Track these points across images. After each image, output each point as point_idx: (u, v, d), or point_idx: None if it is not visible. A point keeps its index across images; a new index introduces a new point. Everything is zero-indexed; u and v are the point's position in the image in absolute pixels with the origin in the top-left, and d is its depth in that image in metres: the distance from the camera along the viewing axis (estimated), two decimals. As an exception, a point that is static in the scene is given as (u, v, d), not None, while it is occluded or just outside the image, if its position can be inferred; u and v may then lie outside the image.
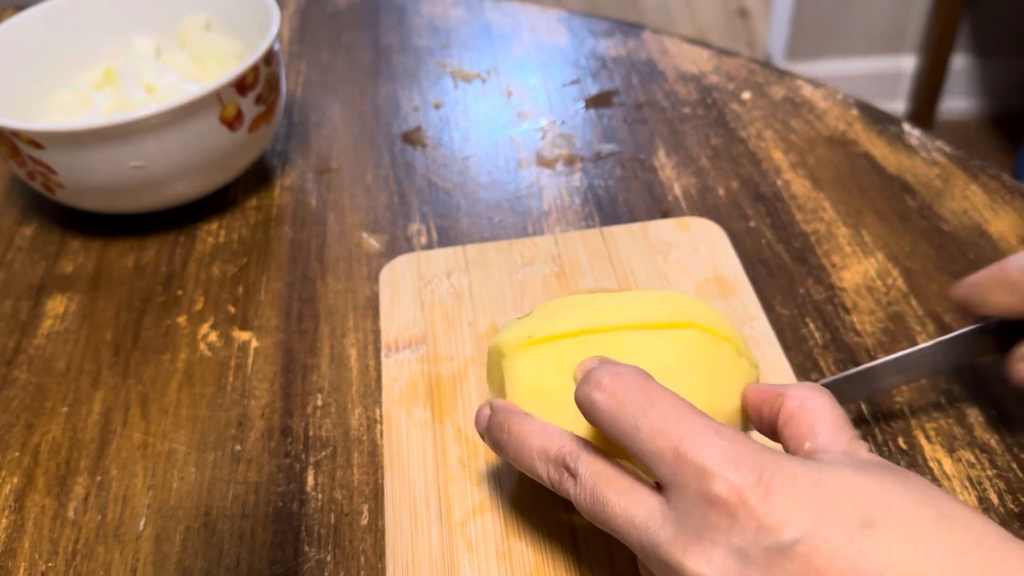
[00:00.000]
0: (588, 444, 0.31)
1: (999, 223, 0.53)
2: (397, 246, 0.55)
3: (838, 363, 0.45)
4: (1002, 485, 0.39)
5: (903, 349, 0.39)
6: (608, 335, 0.34)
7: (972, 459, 0.40)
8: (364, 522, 0.40)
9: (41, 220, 0.60)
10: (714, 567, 0.26)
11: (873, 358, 0.45)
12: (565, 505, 0.38)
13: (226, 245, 0.56)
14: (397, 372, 0.45)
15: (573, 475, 0.30)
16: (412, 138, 0.65)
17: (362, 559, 0.39)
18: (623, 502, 0.28)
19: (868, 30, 1.91)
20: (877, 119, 0.62)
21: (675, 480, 0.27)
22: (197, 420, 0.45)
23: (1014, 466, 0.40)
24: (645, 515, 0.28)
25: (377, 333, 0.49)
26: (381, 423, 0.44)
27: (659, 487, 0.28)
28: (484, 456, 0.40)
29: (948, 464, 0.40)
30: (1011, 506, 0.38)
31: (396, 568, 0.37)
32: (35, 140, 0.50)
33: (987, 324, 0.38)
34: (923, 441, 0.41)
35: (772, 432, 0.32)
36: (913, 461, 0.40)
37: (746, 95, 0.66)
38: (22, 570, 0.39)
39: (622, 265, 0.50)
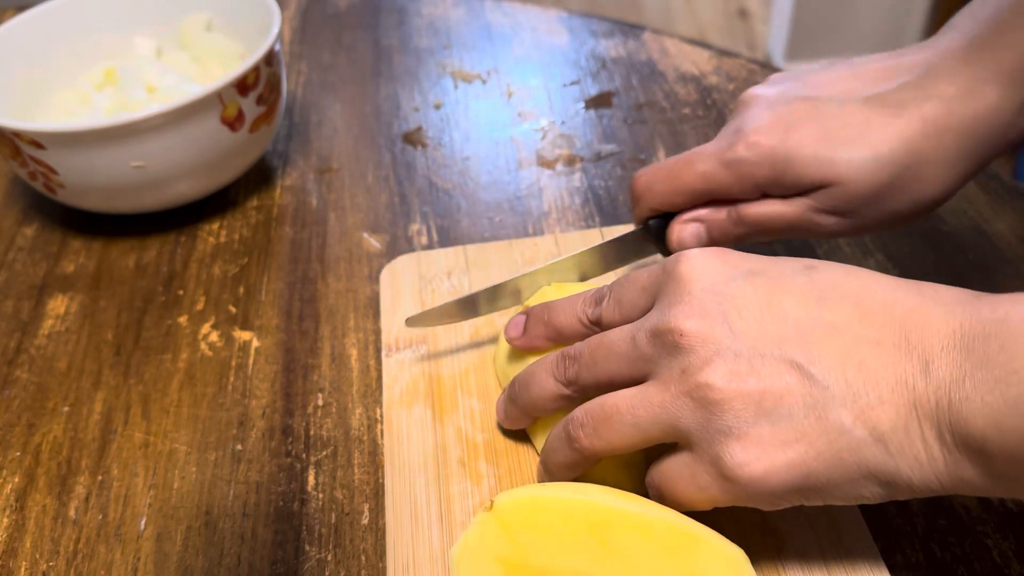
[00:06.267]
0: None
1: (998, 223, 0.53)
2: (398, 246, 0.55)
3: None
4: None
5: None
6: None
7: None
8: (365, 521, 0.40)
9: (42, 220, 0.60)
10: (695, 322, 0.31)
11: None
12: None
13: (227, 245, 0.56)
14: (398, 372, 0.45)
15: (576, 359, 0.35)
16: (413, 138, 0.65)
17: (363, 558, 0.39)
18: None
19: (868, 30, 1.91)
20: (877, 119, 0.62)
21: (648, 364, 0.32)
22: (198, 420, 0.45)
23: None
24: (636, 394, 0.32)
25: (378, 333, 0.49)
26: (382, 423, 0.44)
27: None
28: (484, 456, 0.41)
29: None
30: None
31: (397, 567, 0.37)
32: (36, 140, 0.50)
33: (653, 222, 0.44)
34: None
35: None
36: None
37: (746, 95, 0.66)
38: (23, 569, 0.39)
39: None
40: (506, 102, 0.68)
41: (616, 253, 0.45)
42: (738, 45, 2.18)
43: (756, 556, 0.35)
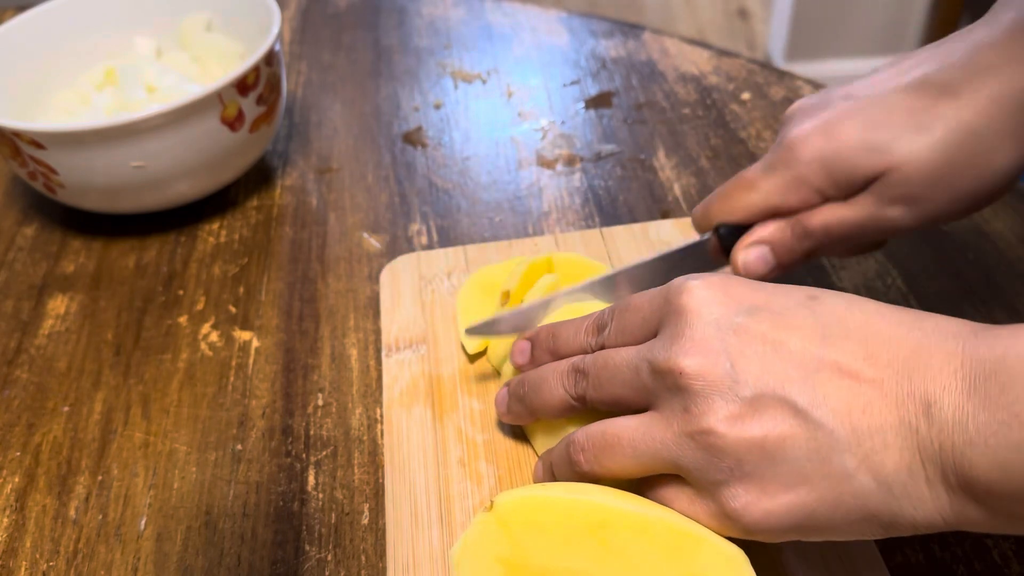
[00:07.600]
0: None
1: (998, 223, 0.53)
2: (398, 246, 0.55)
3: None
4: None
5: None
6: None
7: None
8: (365, 521, 0.40)
9: (42, 220, 0.60)
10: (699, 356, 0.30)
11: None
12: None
13: (227, 245, 0.56)
14: (398, 372, 0.45)
15: (584, 373, 0.35)
16: (413, 138, 0.65)
17: (363, 558, 0.39)
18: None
19: (868, 31, 1.91)
20: (877, 120, 0.62)
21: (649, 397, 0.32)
22: (198, 420, 0.45)
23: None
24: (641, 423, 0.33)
25: (378, 333, 0.49)
26: (382, 423, 0.44)
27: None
28: (484, 456, 0.41)
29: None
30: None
31: (396, 567, 0.37)
32: (36, 140, 0.50)
33: (718, 230, 0.42)
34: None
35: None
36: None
37: (746, 95, 0.66)
38: (23, 569, 0.39)
39: (622, 265, 0.50)
40: (506, 102, 0.68)
41: (686, 263, 0.44)
42: (738, 45, 2.18)
43: (756, 556, 0.35)
